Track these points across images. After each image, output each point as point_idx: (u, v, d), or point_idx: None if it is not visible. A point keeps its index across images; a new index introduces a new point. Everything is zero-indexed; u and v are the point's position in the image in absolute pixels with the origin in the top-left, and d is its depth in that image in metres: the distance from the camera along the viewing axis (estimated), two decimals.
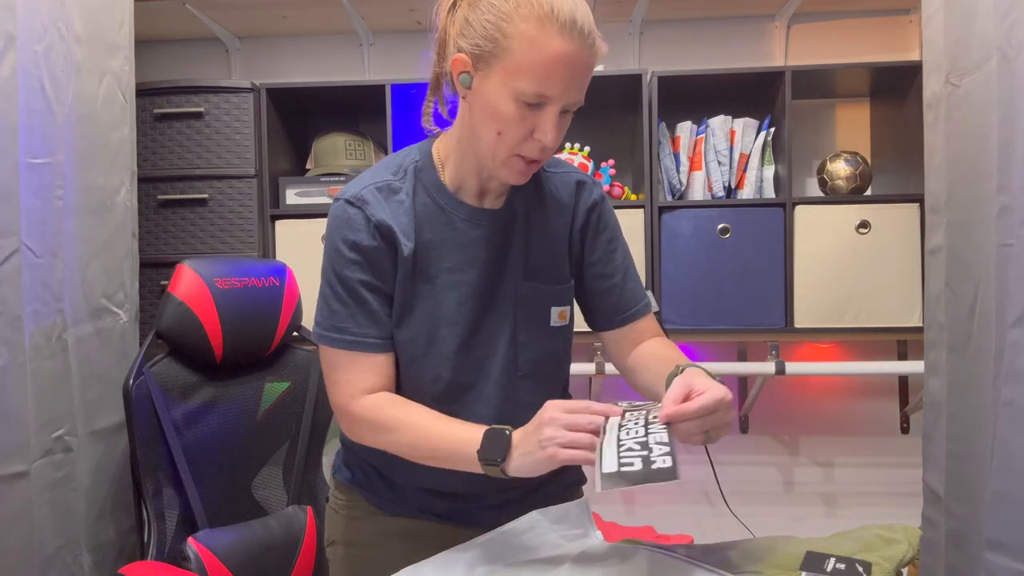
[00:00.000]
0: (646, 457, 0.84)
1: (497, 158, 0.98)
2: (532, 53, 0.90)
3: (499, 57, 0.92)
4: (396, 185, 1.05)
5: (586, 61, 0.92)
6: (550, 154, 1.00)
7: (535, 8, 0.90)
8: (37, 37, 1.50)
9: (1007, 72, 1.16)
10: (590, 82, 0.97)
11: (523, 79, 0.91)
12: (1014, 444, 1.15)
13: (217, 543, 1.54)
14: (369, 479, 1.14)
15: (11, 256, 1.43)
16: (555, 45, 0.89)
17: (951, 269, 1.35)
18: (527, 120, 0.94)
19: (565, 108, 0.95)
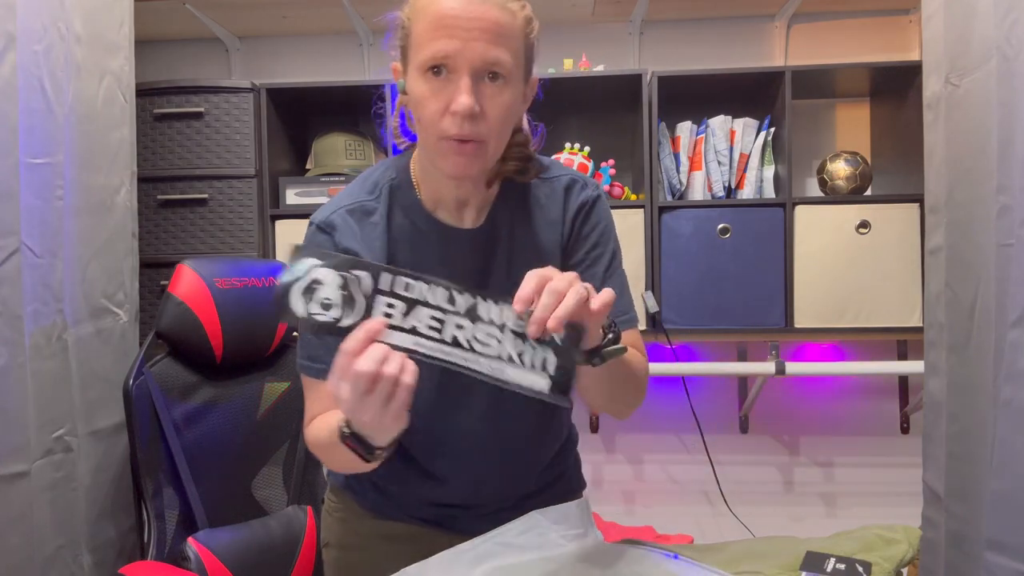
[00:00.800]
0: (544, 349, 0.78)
1: (431, 150, 0.93)
2: (423, 21, 0.88)
3: (408, 44, 0.92)
4: (370, 206, 1.01)
5: (481, 15, 0.86)
6: (483, 127, 0.89)
7: None
8: (37, 37, 1.50)
9: (1007, 72, 1.16)
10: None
11: (422, 49, 0.88)
12: (1014, 444, 1.15)
13: (217, 543, 1.54)
14: (361, 484, 1.13)
15: (11, 256, 1.43)
16: (439, 4, 0.87)
17: (951, 269, 1.35)
18: (439, 94, 0.88)
19: (478, 71, 0.87)
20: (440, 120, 0.89)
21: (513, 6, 0.90)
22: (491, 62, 0.87)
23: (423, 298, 0.77)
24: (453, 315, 0.77)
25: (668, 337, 2.16)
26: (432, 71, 0.88)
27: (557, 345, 0.77)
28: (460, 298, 0.77)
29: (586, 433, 2.50)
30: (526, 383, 0.77)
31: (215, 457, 1.64)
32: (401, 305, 0.77)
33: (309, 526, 1.67)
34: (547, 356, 0.77)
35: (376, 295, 0.76)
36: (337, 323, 0.76)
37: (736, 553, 1.06)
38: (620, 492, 2.52)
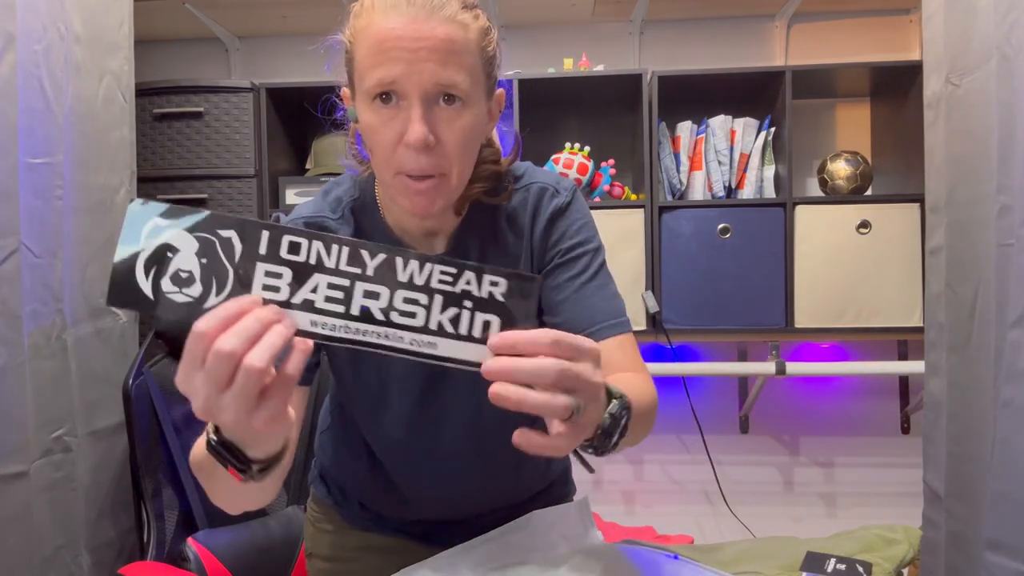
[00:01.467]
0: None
1: (388, 186, 0.84)
2: (366, 43, 0.79)
3: (352, 70, 0.83)
4: (331, 224, 0.93)
5: (426, 33, 0.76)
6: (442, 159, 0.80)
7: (366, 5, 0.81)
8: (36, 37, 1.50)
9: (1007, 72, 1.16)
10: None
11: (366, 77, 0.79)
12: (1015, 444, 1.15)
13: (216, 543, 1.54)
14: (345, 497, 1.11)
15: (10, 256, 1.43)
16: (380, 23, 0.77)
17: (951, 269, 1.35)
18: (390, 125, 0.79)
19: (431, 95, 0.78)
20: (394, 153, 0.80)
21: (465, 17, 0.79)
22: (444, 84, 0.77)
23: (318, 262, 0.58)
24: (361, 280, 0.59)
25: (668, 337, 2.15)
26: (380, 99, 0.79)
27: (500, 303, 0.60)
28: (369, 258, 0.59)
29: None
30: (464, 355, 0.60)
31: None
32: (288, 273, 0.58)
33: None
34: (489, 318, 0.60)
35: (254, 262, 0.58)
36: (200, 303, 0.57)
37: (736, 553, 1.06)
38: (620, 492, 2.52)
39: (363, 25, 0.80)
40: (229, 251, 0.57)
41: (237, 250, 0.58)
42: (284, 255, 0.58)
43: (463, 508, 1.07)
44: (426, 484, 1.04)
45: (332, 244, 0.59)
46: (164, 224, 0.57)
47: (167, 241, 0.57)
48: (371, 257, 0.59)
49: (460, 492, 1.05)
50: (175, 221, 0.57)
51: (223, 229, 0.57)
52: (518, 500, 1.10)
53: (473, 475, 1.04)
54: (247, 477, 0.63)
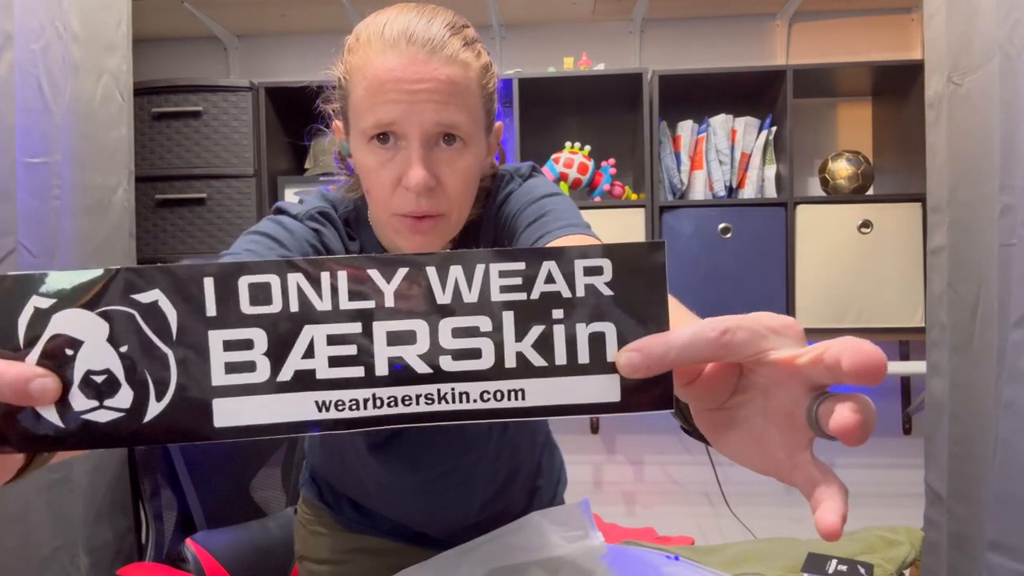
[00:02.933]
0: None
1: (384, 225, 0.82)
2: (362, 83, 0.75)
3: (347, 105, 0.79)
4: (327, 236, 0.88)
5: (427, 74, 0.73)
6: (442, 200, 0.77)
7: (363, 34, 0.76)
8: (34, 36, 1.50)
9: (1009, 71, 1.15)
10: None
11: (362, 117, 0.75)
12: (1016, 445, 1.15)
13: (215, 544, 1.53)
14: (337, 500, 1.09)
15: (8, 256, 1.42)
16: (378, 64, 0.73)
17: (953, 269, 1.35)
18: (388, 166, 0.76)
19: (431, 136, 0.75)
20: (392, 195, 0.77)
21: (466, 56, 0.75)
22: (445, 125, 0.75)
23: (303, 307, 0.38)
24: (380, 319, 0.38)
25: None
26: (378, 139, 0.76)
27: (608, 299, 0.39)
28: (384, 279, 0.38)
29: (587, 435, 2.49)
30: (574, 399, 0.39)
31: (213, 458, 1.64)
32: (261, 337, 0.38)
33: None
34: (599, 328, 0.39)
35: (203, 333, 0.37)
36: (137, 417, 0.37)
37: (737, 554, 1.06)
38: (621, 493, 2.51)
39: (359, 63, 0.76)
40: (159, 325, 0.37)
41: (171, 320, 0.37)
42: (247, 310, 0.37)
43: (450, 517, 1.05)
44: (411, 494, 1.03)
45: (321, 271, 0.38)
46: (47, 304, 0.36)
47: (57, 332, 0.36)
48: (386, 277, 0.38)
49: (446, 500, 1.03)
50: (63, 294, 0.37)
51: (140, 292, 0.37)
52: (508, 504, 1.09)
53: (460, 481, 1.02)
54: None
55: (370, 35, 0.75)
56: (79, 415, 0.37)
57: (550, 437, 1.19)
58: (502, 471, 1.05)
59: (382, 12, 0.78)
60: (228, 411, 0.37)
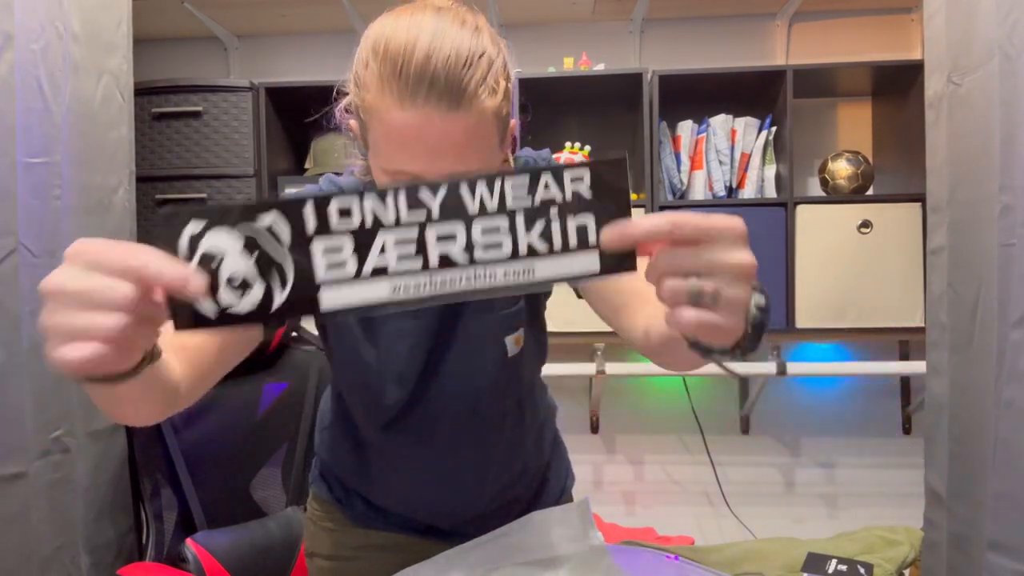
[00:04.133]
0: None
1: None
2: (379, 127, 0.74)
3: (365, 128, 0.78)
4: None
5: (447, 130, 0.71)
6: None
7: (379, 67, 0.72)
8: (34, 36, 1.50)
9: (1009, 71, 1.15)
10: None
11: (381, 155, 0.76)
12: (1016, 445, 1.15)
13: (215, 544, 1.53)
14: (347, 495, 1.11)
15: (8, 256, 1.42)
16: (395, 117, 0.71)
17: (953, 269, 1.35)
18: None
19: None
20: None
21: (485, 102, 0.72)
22: (474, 169, 0.74)
23: (376, 221, 0.53)
24: (430, 225, 0.53)
25: None
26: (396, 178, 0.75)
27: (588, 200, 0.54)
28: (431, 197, 0.53)
29: (586, 434, 2.49)
30: (571, 270, 0.54)
31: (214, 458, 1.64)
32: (348, 243, 0.52)
33: None
34: (583, 220, 0.54)
35: (308, 242, 0.52)
36: (267, 306, 0.52)
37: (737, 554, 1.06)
38: (621, 493, 2.51)
39: (376, 105, 0.73)
40: (277, 238, 0.52)
41: (285, 234, 0.52)
42: (337, 225, 0.52)
43: (459, 506, 1.07)
44: (422, 480, 1.04)
45: (386, 196, 0.52)
46: (197, 231, 0.51)
47: (206, 251, 0.51)
48: (433, 195, 0.53)
49: (455, 488, 1.05)
50: (207, 223, 0.51)
51: (261, 215, 0.51)
52: (517, 495, 1.11)
53: (470, 471, 1.04)
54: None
55: (386, 70, 0.71)
56: (226, 309, 0.51)
57: (558, 436, 1.20)
58: (511, 461, 1.06)
59: (400, 21, 0.74)
60: (330, 297, 0.52)
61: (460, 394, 0.98)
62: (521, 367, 1.02)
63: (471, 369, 0.98)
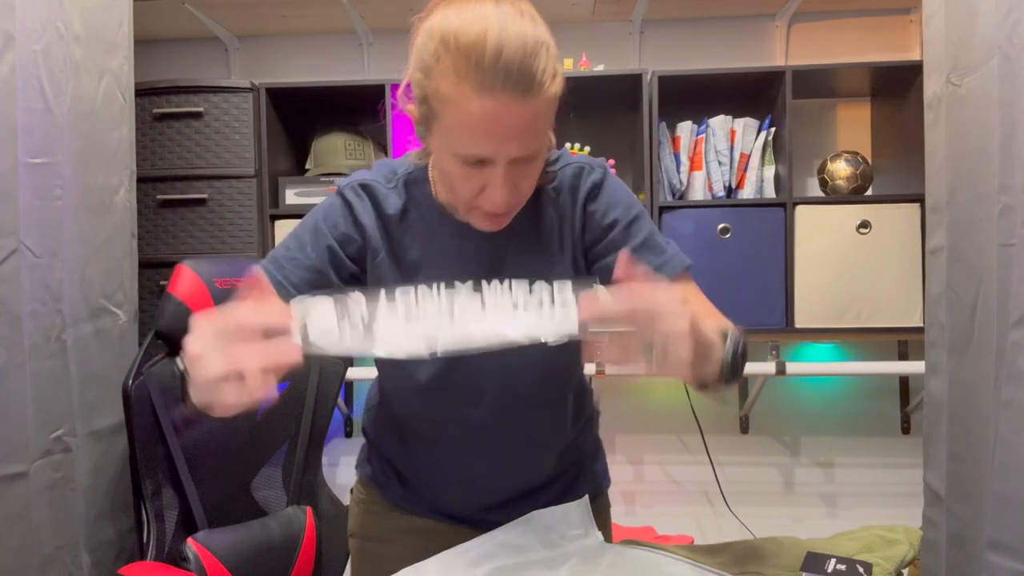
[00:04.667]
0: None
1: (460, 209, 0.92)
2: (454, 115, 0.80)
3: (432, 118, 0.84)
4: (387, 193, 0.99)
5: (519, 115, 0.79)
6: (517, 205, 0.90)
7: (453, 60, 0.78)
8: (36, 36, 1.50)
9: (1008, 72, 1.16)
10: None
11: (453, 142, 0.82)
12: (1015, 444, 1.15)
13: (216, 544, 1.53)
14: (387, 477, 1.16)
15: (10, 256, 1.42)
16: (474, 105, 0.78)
17: (952, 269, 1.35)
18: (474, 178, 0.84)
19: (513, 161, 0.83)
20: (475, 197, 0.87)
21: (549, 88, 0.81)
22: (527, 155, 0.84)
23: (424, 297, 0.78)
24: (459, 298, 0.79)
25: None
26: (472, 164, 0.83)
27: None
28: (463, 287, 0.79)
29: None
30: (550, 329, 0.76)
31: (214, 458, 1.64)
32: (402, 305, 0.77)
33: (309, 527, 1.67)
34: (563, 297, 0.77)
35: (376, 307, 0.76)
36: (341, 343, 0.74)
37: (737, 554, 1.06)
38: (620, 493, 2.51)
39: (453, 94, 0.79)
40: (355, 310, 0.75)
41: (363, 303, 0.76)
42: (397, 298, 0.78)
43: (495, 488, 1.10)
44: (459, 459, 1.08)
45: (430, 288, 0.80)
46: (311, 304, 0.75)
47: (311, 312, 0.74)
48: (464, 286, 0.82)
49: (491, 468, 1.08)
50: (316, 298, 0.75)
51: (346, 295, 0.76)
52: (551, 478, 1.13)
53: (503, 448, 1.06)
54: None
55: (462, 63, 0.77)
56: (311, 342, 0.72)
57: (599, 442, 1.27)
58: (545, 451, 1.09)
59: (465, 13, 0.79)
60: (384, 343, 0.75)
61: (496, 374, 1.00)
62: (563, 355, 1.00)
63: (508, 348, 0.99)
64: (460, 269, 0.96)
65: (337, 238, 0.97)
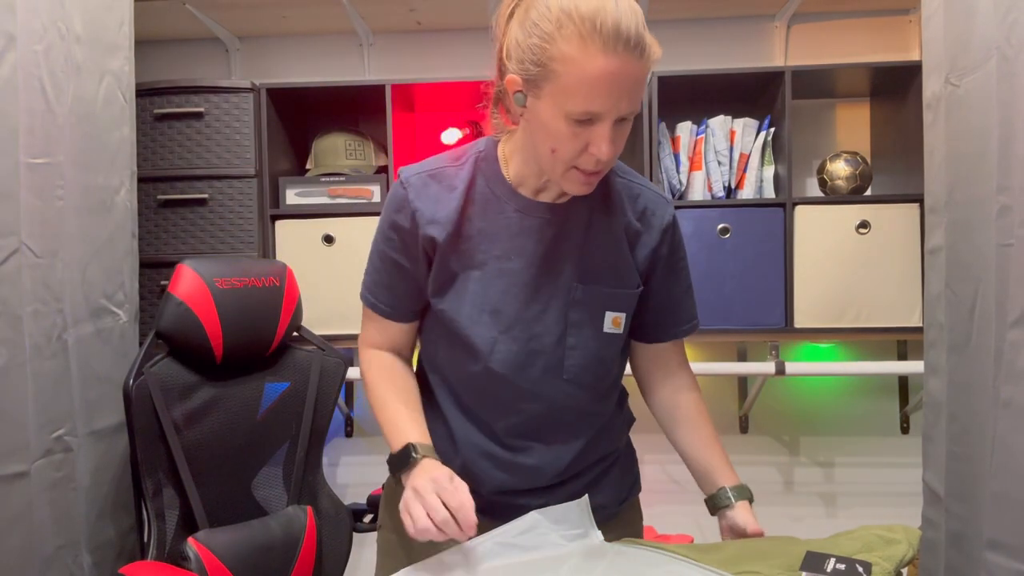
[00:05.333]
0: None
1: (556, 172, 0.99)
2: (577, 74, 0.88)
3: (547, 80, 0.91)
4: (451, 171, 1.08)
5: (634, 74, 0.89)
6: (610, 164, 0.99)
7: (577, 26, 0.87)
8: (37, 37, 1.50)
9: (1007, 72, 1.16)
10: None
11: (570, 100, 0.90)
12: (1014, 444, 1.15)
13: (217, 543, 1.54)
14: None
15: (11, 256, 1.43)
16: (598, 63, 0.87)
17: (951, 269, 1.35)
18: (580, 136, 0.93)
19: (620, 118, 0.93)
20: (577, 156, 0.95)
21: (653, 52, 0.91)
22: (631, 113, 0.93)
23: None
24: None
25: None
26: (580, 123, 0.92)
27: None
28: None
29: None
30: None
31: (215, 457, 1.64)
32: None
33: (309, 526, 1.67)
34: None
35: None
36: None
37: (736, 553, 1.06)
38: None
39: (575, 55, 0.88)
40: None
41: None
42: None
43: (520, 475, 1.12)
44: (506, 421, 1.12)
45: None
46: None
47: None
48: None
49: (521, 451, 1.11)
50: None
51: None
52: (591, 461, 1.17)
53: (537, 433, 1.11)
54: None
55: (586, 28, 0.87)
56: None
57: (632, 446, 1.30)
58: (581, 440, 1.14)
59: None
60: None
61: (547, 350, 1.08)
62: (612, 348, 1.13)
63: (563, 327, 1.08)
64: (520, 244, 1.07)
65: (400, 250, 1.10)
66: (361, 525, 1.84)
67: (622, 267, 1.10)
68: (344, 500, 1.80)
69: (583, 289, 1.08)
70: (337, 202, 2.26)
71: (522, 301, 1.07)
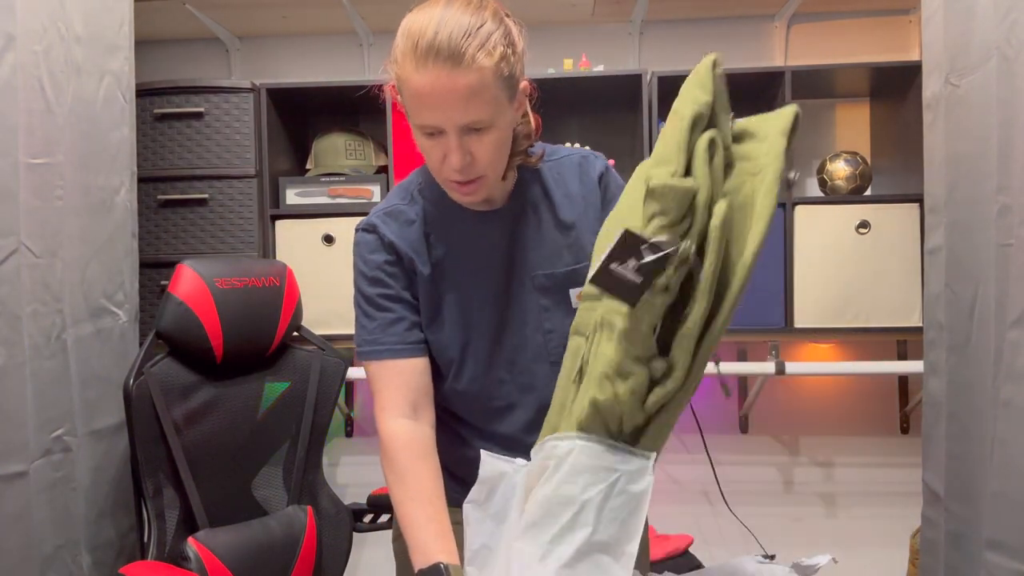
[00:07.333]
0: None
1: (441, 183, 1.06)
2: (407, 91, 0.95)
3: (402, 98, 0.99)
4: (404, 208, 1.13)
5: (454, 84, 0.91)
6: (482, 172, 1.01)
7: (403, 45, 0.94)
8: (37, 37, 1.50)
9: (1007, 72, 1.16)
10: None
11: (412, 115, 0.98)
12: (1013, 444, 1.15)
13: (217, 543, 1.54)
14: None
15: (10, 256, 1.43)
16: (414, 80, 0.93)
17: (951, 269, 1.35)
18: (437, 148, 0.98)
19: (462, 128, 0.95)
20: (441, 168, 1.00)
21: (481, 61, 0.92)
22: (470, 123, 0.95)
23: None
24: None
25: None
26: (430, 134, 0.98)
27: None
28: None
29: None
30: None
31: (215, 457, 1.64)
32: None
33: (309, 526, 1.67)
34: None
35: None
36: None
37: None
38: None
39: (402, 75, 0.95)
40: None
41: None
42: None
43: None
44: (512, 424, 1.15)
45: None
46: None
47: None
48: None
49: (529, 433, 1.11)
50: None
51: None
52: None
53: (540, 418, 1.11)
54: None
55: (406, 50, 0.93)
56: None
57: None
58: None
59: (420, 14, 0.95)
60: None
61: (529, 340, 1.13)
62: None
63: (537, 316, 1.13)
64: (483, 252, 1.12)
65: (388, 284, 1.11)
66: (361, 525, 1.83)
67: (573, 244, 1.14)
68: (344, 500, 1.80)
69: (544, 276, 1.13)
70: (337, 202, 2.26)
71: (497, 306, 1.13)
